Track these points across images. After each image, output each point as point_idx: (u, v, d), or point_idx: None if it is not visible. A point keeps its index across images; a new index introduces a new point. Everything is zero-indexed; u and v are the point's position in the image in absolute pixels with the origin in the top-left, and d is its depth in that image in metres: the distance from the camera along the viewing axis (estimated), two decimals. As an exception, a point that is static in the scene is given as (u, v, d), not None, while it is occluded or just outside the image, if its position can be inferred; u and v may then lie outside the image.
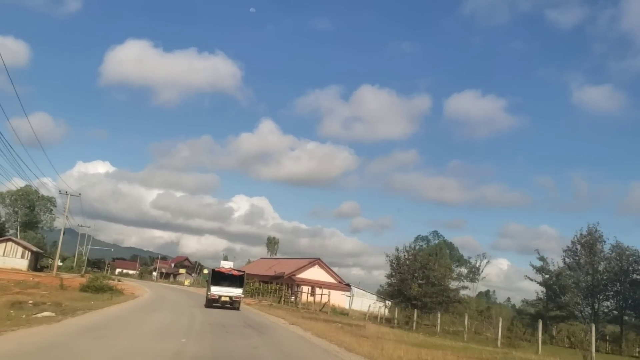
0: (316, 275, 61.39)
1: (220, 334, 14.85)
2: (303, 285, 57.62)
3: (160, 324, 16.05)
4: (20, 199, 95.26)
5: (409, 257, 37.46)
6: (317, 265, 62.76)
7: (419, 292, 35.12)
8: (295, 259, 70.81)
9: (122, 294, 35.12)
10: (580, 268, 38.01)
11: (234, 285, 27.33)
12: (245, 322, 20.26)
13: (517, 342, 24.76)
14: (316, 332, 18.19)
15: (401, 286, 36.23)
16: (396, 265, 37.62)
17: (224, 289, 26.93)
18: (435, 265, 37.19)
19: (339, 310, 40.54)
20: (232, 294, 26.95)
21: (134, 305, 25.28)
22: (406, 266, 36.87)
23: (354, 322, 28.43)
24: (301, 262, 63.99)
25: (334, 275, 63.32)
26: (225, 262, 60.14)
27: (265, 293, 53.82)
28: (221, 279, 27.37)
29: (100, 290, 33.35)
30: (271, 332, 17.33)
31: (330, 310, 36.24)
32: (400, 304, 35.71)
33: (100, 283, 34.53)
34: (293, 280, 58.88)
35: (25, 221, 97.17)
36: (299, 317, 26.23)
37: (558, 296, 39.23)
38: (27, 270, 62.92)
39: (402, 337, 21.72)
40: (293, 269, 61.51)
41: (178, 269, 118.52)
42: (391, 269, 37.73)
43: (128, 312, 19.92)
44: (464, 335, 25.76)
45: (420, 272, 36.57)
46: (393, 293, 37.90)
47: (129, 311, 20.56)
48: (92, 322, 14.42)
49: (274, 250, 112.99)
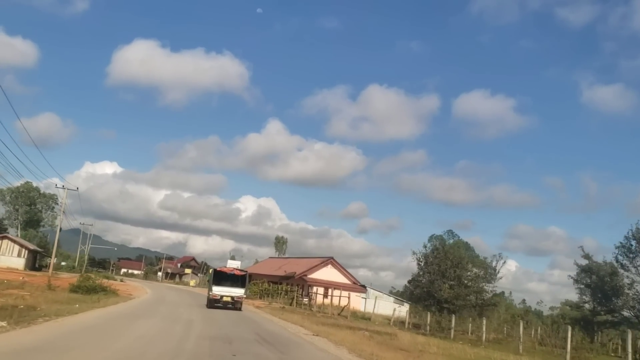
0: (329, 275, 57.16)
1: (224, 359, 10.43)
2: (315, 286, 53.48)
3: (141, 339, 11.89)
4: (20, 196, 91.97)
5: (438, 255, 32.94)
6: (330, 264, 58.52)
7: (450, 294, 30.80)
8: (306, 258, 66.58)
9: (116, 295, 31.36)
10: (636, 267, 33.25)
11: (236, 285, 26.75)
12: (257, 333, 16.06)
13: (584, 354, 20.37)
14: (351, 346, 13.99)
15: (431, 287, 31.78)
16: (424, 264, 33.19)
17: (225, 289, 26.33)
18: (469, 265, 32.62)
19: (360, 315, 36.05)
20: (234, 294, 26.36)
21: (123, 309, 21.30)
22: (436, 265, 32.38)
23: (381, 329, 24.25)
24: (313, 262, 59.75)
25: (349, 276, 59.04)
26: (232, 262, 56.65)
27: (274, 294, 49.69)
28: (223, 278, 26.77)
29: (92, 291, 29.80)
30: (296, 352, 12.94)
31: (350, 314, 31.96)
32: (430, 307, 31.37)
33: (92, 283, 30.83)
34: (305, 281, 54.70)
35: (26, 219, 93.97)
36: (319, 324, 22.13)
37: (609, 299, 34.39)
38: (23, 270, 59.56)
39: (448, 350, 17.53)
40: (304, 268, 57.31)
41: (184, 269, 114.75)
42: (418, 268, 33.36)
43: (107, 320, 15.81)
44: (519, 346, 21.37)
45: (452, 271, 32.12)
46: (422, 295, 33.39)
47: (110, 318, 16.48)
48: (39, 338, 10.31)
49: (282, 250, 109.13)
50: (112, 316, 17.26)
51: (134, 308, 23.05)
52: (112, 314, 18.25)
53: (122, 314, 18.92)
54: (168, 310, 22.65)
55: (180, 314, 21.38)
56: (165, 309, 23.61)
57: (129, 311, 20.81)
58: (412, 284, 35.60)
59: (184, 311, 23.62)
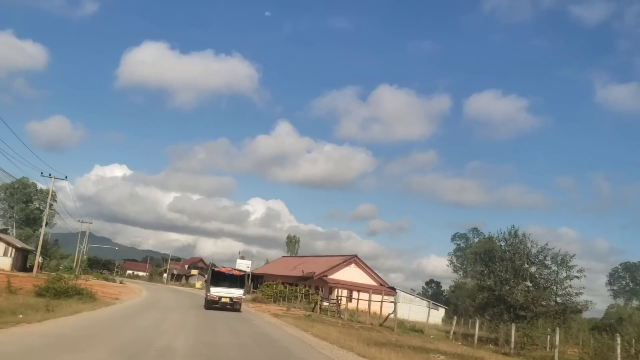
0: (353, 275, 50.09)
1: None
2: (337, 288, 46.45)
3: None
4: (16, 192, 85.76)
5: (508, 248, 25.51)
6: (354, 263, 51.41)
7: (527, 297, 23.54)
8: (326, 256, 59.39)
9: (94, 299, 24.69)
10: None
11: (235, 285, 25.97)
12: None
13: None
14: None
15: (502, 290, 24.38)
16: (487, 259, 25.88)
17: (224, 290, 25.51)
18: (547, 259, 25.18)
19: (408, 324, 28.13)
20: (233, 295, 25.46)
21: (83, 320, 14.52)
22: (508, 261, 24.99)
23: (453, 350, 17.11)
24: (334, 260, 52.64)
25: (375, 276, 51.88)
26: (241, 261, 52.50)
27: (291, 297, 42.56)
28: (221, 279, 25.99)
29: (64, 294, 23.33)
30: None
31: (397, 324, 24.50)
32: (501, 315, 24.13)
33: (63, 285, 24.19)
34: (325, 282, 47.63)
35: (22, 217, 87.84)
36: (367, 342, 15.09)
37: None
38: (10, 270, 53.16)
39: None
40: (324, 268, 50.23)
41: (190, 271, 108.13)
42: (483, 264, 26.07)
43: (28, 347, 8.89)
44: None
45: (526, 270, 24.76)
46: (489, 301, 25.90)
47: (37, 343, 9.55)
48: None
49: (294, 250, 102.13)
50: (47, 336, 10.37)
51: (103, 318, 16.26)
52: (56, 331, 11.43)
53: (76, 327, 12.18)
54: (148, 324, 15.72)
55: (160, 330, 14.44)
56: (146, 321, 16.68)
57: (93, 323, 14.04)
58: (476, 286, 28.19)
59: (172, 323, 16.72)
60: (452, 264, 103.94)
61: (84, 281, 29.99)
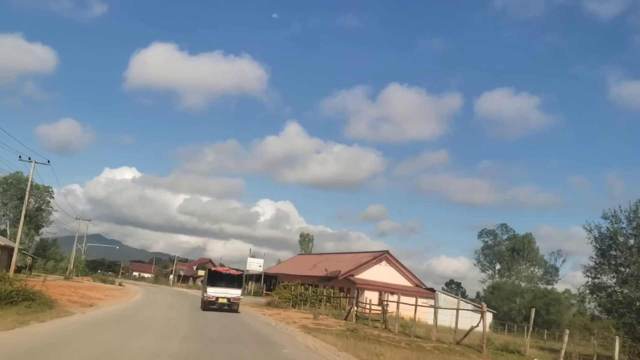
0: (384, 275, 42.79)
1: None
2: (367, 289, 39.22)
3: None
4: (9, 187, 79.39)
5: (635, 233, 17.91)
6: (385, 261, 44.04)
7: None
8: (350, 253, 51.95)
9: (51, 305, 17.84)
10: None
11: (232, 285, 25.27)
12: None
13: None
14: None
15: (631, 291, 16.95)
16: (608, 250, 18.34)
17: (221, 290, 24.73)
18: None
19: (496, 342, 20.07)
20: (230, 295, 24.73)
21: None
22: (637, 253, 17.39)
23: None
24: (361, 258, 45.28)
25: (410, 276, 44.47)
26: (252, 260, 46.80)
27: (314, 301, 35.11)
28: (218, 279, 25.29)
29: (5, 299, 16.49)
30: None
31: (485, 342, 16.79)
32: (631, 328, 16.76)
33: (7, 288, 17.34)
34: (352, 282, 40.30)
35: (17, 215, 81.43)
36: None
37: None
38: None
39: None
40: (350, 266, 42.94)
41: (198, 272, 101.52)
42: (601, 257, 18.53)
43: None
44: None
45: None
46: (614, 304, 18.34)
47: None
48: None
49: (307, 249, 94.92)
50: None
51: (29, 340, 9.19)
52: None
53: None
54: (102, 347, 8.57)
55: None
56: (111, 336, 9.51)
57: None
58: (591, 285, 20.65)
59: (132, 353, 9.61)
60: (480, 262, 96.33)
61: (41, 282, 23.00)
